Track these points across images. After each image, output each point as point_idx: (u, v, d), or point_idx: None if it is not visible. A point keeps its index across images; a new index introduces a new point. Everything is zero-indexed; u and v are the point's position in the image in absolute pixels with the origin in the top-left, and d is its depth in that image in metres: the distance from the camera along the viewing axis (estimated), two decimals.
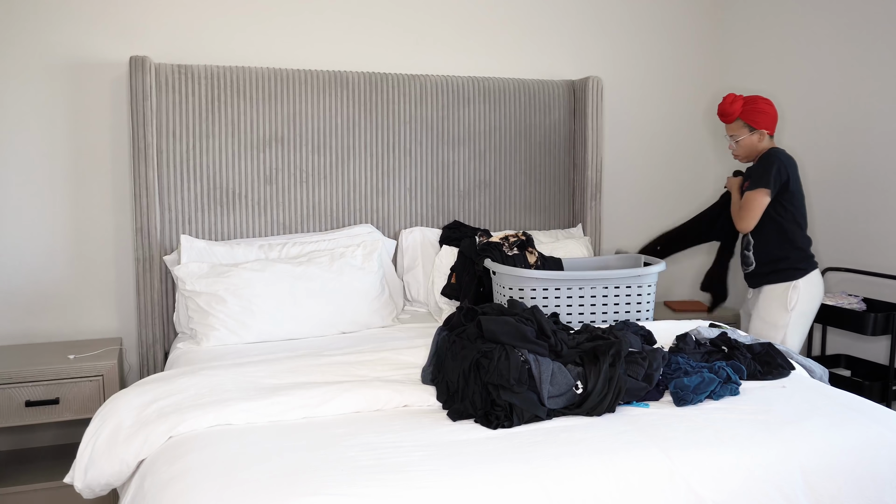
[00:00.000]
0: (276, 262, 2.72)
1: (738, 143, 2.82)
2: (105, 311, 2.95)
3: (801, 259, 2.78)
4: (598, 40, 3.64)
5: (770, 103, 2.79)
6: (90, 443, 1.75)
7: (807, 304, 2.77)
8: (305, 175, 3.05)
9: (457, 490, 1.46)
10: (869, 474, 1.73)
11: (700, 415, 1.85)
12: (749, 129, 2.79)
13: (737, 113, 2.78)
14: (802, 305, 2.75)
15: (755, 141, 2.81)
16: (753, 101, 2.78)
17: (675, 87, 3.81)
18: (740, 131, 2.81)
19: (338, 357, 2.19)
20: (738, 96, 2.78)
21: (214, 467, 1.52)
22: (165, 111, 2.82)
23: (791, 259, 2.76)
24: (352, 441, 1.65)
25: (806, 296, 2.76)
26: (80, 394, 2.54)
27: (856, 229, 3.19)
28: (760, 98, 2.78)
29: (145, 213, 2.74)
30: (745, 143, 2.81)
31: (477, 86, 3.28)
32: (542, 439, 1.68)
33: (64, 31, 2.81)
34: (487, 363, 1.86)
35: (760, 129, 2.78)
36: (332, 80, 3.04)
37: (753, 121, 2.78)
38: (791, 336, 2.76)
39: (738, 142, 2.83)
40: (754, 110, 2.78)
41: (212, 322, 2.56)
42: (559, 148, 3.46)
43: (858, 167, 3.17)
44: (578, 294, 2.64)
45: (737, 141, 2.83)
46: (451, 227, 3.15)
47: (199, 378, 1.97)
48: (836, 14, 3.25)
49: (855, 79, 3.18)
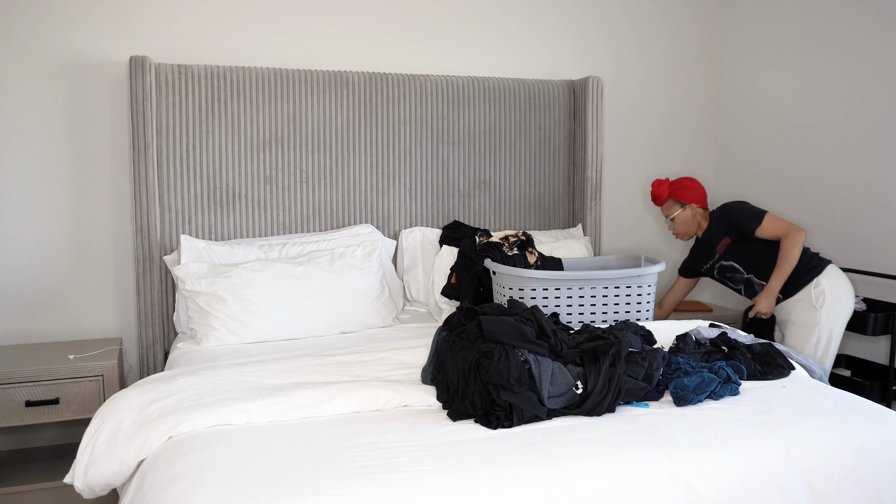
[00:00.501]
0: (276, 262, 2.72)
1: (674, 220, 3.01)
2: (105, 311, 2.95)
3: (806, 261, 2.77)
4: (598, 40, 3.64)
5: (695, 181, 3.01)
6: (90, 443, 1.75)
7: (835, 299, 2.72)
8: (305, 175, 3.05)
9: (457, 490, 1.46)
10: (869, 474, 1.73)
11: (700, 415, 1.85)
12: (680, 206, 2.99)
13: (665, 193, 2.99)
14: (831, 301, 2.71)
15: (689, 216, 2.99)
16: (678, 182, 3.01)
17: (675, 87, 3.81)
18: (672, 209, 3.01)
19: (338, 357, 2.19)
20: (663, 180, 3.01)
21: (214, 467, 1.52)
22: (165, 111, 2.82)
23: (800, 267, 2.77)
24: (352, 441, 1.65)
25: (832, 291, 2.72)
26: (80, 394, 2.54)
27: (856, 229, 3.19)
28: (685, 178, 3.01)
29: (145, 213, 2.74)
30: (679, 219, 3.00)
31: (477, 86, 3.28)
32: (542, 439, 1.68)
33: (64, 31, 2.81)
34: (487, 363, 1.86)
35: (690, 204, 2.97)
36: (332, 80, 3.04)
37: (682, 196, 2.98)
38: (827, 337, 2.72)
39: (673, 219, 3.01)
40: (681, 187, 2.99)
41: (212, 322, 2.56)
42: (559, 148, 3.45)
43: (858, 167, 3.17)
44: (578, 294, 2.64)
45: (672, 218, 3.01)
46: (451, 227, 3.15)
47: (199, 378, 1.97)
48: (836, 14, 3.25)
49: (855, 77, 3.18)
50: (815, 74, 3.35)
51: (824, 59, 3.31)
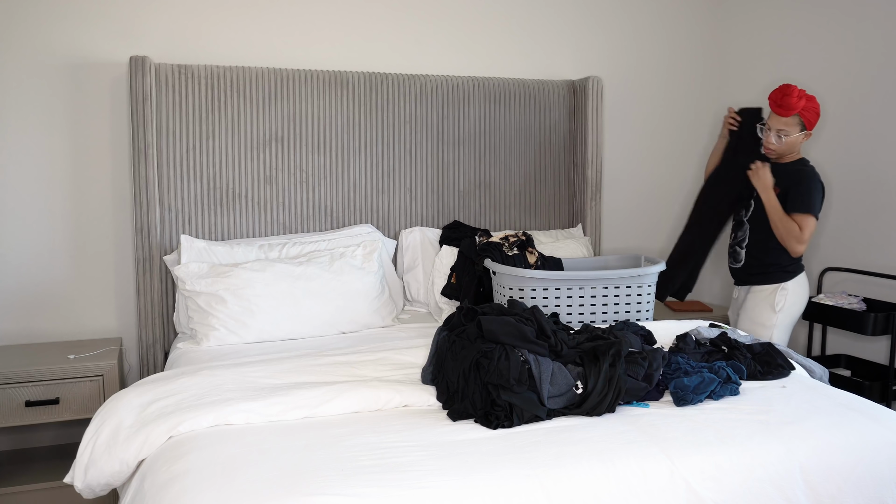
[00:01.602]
0: (276, 262, 2.72)
1: (786, 139, 2.69)
2: (105, 311, 2.95)
3: (790, 262, 2.78)
4: (598, 40, 3.64)
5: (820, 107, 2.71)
6: (90, 443, 1.75)
7: (794, 305, 2.78)
8: (305, 175, 3.05)
9: (457, 490, 1.46)
10: (869, 474, 1.73)
11: (700, 415, 1.85)
12: (801, 128, 2.68)
13: (798, 108, 2.62)
14: (790, 307, 2.77)
15: (799, 141, 2.71)
16: (813, 100, 2.67)
17: (675, 86, 3.81)
18: (793, 128, 2.67)
19: (338, 357, 2.19)
20: (801, 90, 2.65)
21: (214, 467, 1.52)
22: (165, 111, 2.82)
23: (782, 264, 2.78)
24: (352, 441, 1.65)
25: (793, 297, 2.77)
26: (80, 394, 2.54)
27: (856, 229, 3.19)
28: (815, 99, 2.68)
29: (145, 213, 2.74)
30: (792, 140, 2.69)
31: (477, 86, 3.28)
32: (542, 439, 1.68)
33: (64, 31, 2.81)
34: (487, 363, 1.86)
35: (810, 131, 2.70)
36: (332, 80, 3.04)
37: (809, 121, 2.67)
38: (777, 336, 2.78)
39: (785, 138, 2.68)
40: (813, 110, 2.66)
41: (212, 322, 2.56)
42: (559, 148, 3.46)
43: (858, 167, 3.17)
44: (578, 294, 2.64)
45: (785, 136, 2.68)
46: (451, 227, 3.15)
47: (199, 378, 1.97)
48: (836, 13, 3.25)
49: (855, 77, 3.18)
50: (816, 74, 3.35)
51: (824, 59, 3.31)
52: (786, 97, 2.63)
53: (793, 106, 2.62)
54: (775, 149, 2.73)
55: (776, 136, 2.70)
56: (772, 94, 2.69)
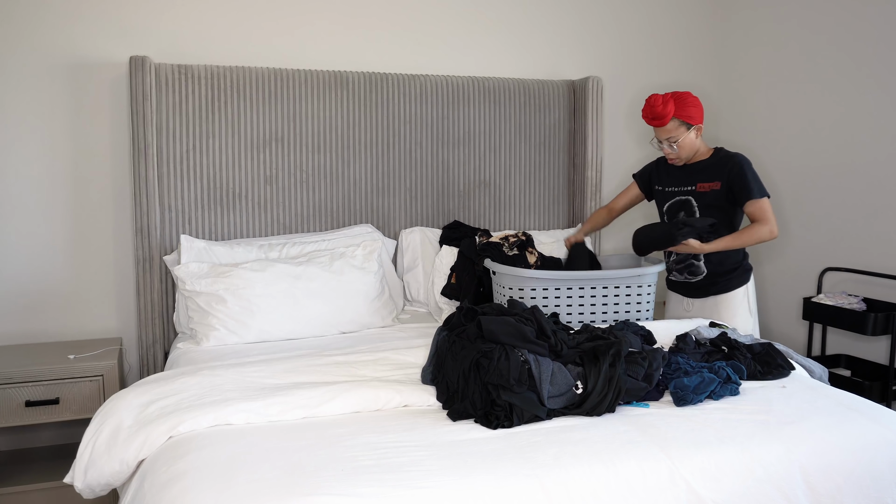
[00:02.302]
0: (276, 262, 2.72)
1: (679, 144, 2.61)
2: (105, 311, 2.95)
3: (744, 259, 2.74)
4: (598, 40, 3.64)
5: (695, 96, 2.63)
6: (90, 443, 1.75)
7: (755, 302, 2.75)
8: (305, 175, 3.05)
9: (457, 490, 1.46)
10: (869, 474, 1.73)
11: (700, 415, 1.85)
12: (686, 127, 2.60)
13: (671, 113, 2.56)
14: (755, 305, 2.75)
15: (693, 139, 2.62)
16: (683, 97, 2.59)
17: (675, 86, 3.81)
18: (678, 131, 2.59)
19: (338, 357, 2.19)
20: (665, 95, 2.59)
21: (214, 467, 1.52)
22: (165, 111, 2.82)
23: (742, 264, 2.73)
24: (352, 441, 1.65)
25: (754, 294, 2.75)
26: (80, 394, 2.54)
27: (856, 229, 3.19)
28: (687, 93, 2.62)
29: (145, 213, 2.74)
30: (685, 142, 2.61)
31: (477, 86, 3.28)
32: (542, 439, 1.68)
33: (64, 31, 2.81)
34: (487, 363, 1.86)
35: (697, 125, 2.60)
36: (332, 80, 3.04)
37: (689, 116, 2.58)
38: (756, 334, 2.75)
39: (678, 143, 2.61)
40: (686, 104, 2.58)
41: (212, 322, 2.56)
42: (559, 148, 3.46)
43: (858, 167, 3.17)
44: (578, 294, 2.64)
45: (676, 143, 2.61)
46: (451, 227, 3.15)
47: (199, 378, 1.97)
48: (835, 11, 3.25)
49: (855, 77, 3.18)
50: (816, 74, 3.35)
51: (825, 59, 3.31)
52: (653, 108, 2.58)
53: (662, 114, 2.56)
54: (676, 156, 2.66)
55: (668, 146, 2.65)
56: (643, 111, 2.63)
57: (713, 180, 2.64)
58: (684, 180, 2.72)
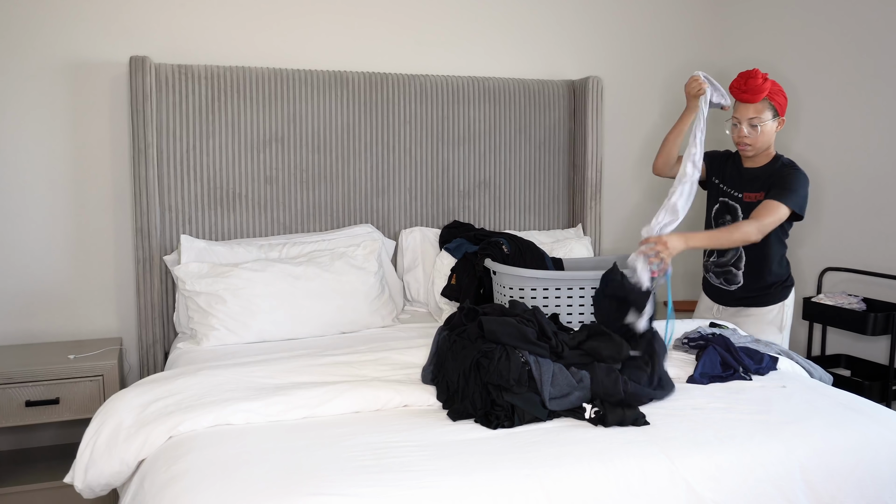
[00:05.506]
0: (276, 262, 2.72)
1: (761, 129, 2.38)
2: (105, 311, 2.95)
3: (787, 275, 2.63)
4: (598, 40, 3.64)
5: None
6: (90, 443, 1.75)
7: (791, 317, 2.64)
8: (305, 175, 3.05)
9: (457, 490, 1.46)
10: (869, 474, 1.73)
11: (700, 415, 1.85)
12: (773, 113, 2.39)
13: (767, 91, 2.33)
14: (789, 319, 2.63)
15: (773, 130, 2.41)
16: (778, 85, 2.39)
17: (675, 86, 3.81)
18: (765, 114, 2.37)
19: (338, 357, 2.19)
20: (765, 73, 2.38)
21: (214, 467, 1.52)
22: (165, 111, 2.82)
23: (782, 279, 2.62)
24: (352, 441, 1.65)
25: (790, 310, 2.63)
26: (80, 394, 2.54)
27: (856, 229, 3.19)
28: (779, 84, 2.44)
29: (145, 213, 2.74)
30: (767, 129, 2.39)
31: (477, 86, 3.28)
32: (542, 439, 1.68)
33: (64, 31, 2.81)
34: (488, 363, 1.86)
35: (782, 117, 2.42)
36: (332, 80, 3.04)
37: (780, 105, 2.38)
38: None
39: (760, 127, 2.38)
40: (781, 93, 2.39)
41: (212, 322, 2.56)
42: (559, 148, 3.46)
43: (858, 167, 3.17)
44: (579, 294, 2.63)
45: (759, 126, 2.38)
46: (450, 227, 3.15)
47: (199, 378, 1.97)
48: (839, 15, 3.25)
49: (855, 77, 3.18)
50: (816, 73, 3.35)
51: (824, 59, 3.31)
52: (751, 80, 2.36)
53: (760, 89, 2.34)
54: (751, 142, 2.43)
55: (749, 127, 2.41)
56: (734, 83, 2.41)
57: (760, 190, 2.46)
58: (738, 184, 2.54)
